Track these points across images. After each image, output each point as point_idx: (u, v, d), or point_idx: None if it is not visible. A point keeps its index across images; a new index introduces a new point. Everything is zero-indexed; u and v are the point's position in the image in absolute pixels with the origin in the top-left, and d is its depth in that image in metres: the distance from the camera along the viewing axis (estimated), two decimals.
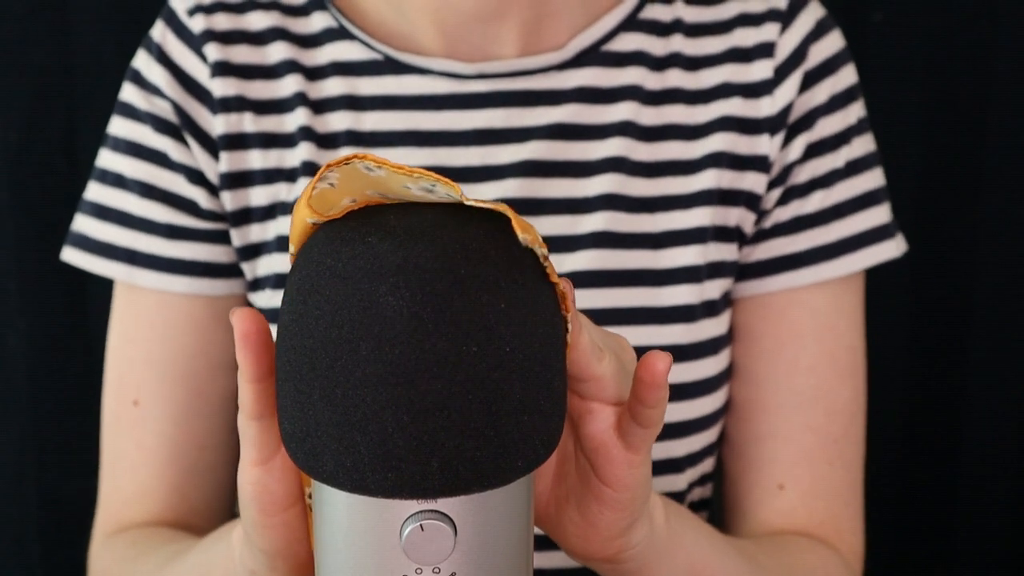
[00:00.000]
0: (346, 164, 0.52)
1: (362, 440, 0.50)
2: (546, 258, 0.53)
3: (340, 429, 0.50)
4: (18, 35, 1.15)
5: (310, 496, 0.59)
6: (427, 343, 0.49)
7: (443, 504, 0.52)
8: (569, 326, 0.55)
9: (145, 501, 0.87)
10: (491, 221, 0.52)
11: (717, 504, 0.94)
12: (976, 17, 1.16)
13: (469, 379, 0.49)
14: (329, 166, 0.52)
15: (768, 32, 0.87)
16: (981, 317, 1.20)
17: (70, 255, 0.89)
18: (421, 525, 0.52)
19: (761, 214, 0.87)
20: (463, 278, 0.50)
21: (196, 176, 0.86)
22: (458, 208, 0.53)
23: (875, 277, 0.96)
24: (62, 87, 1.15)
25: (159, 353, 0.87)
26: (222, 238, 0.87)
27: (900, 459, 1.24)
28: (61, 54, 1.15)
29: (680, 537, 0.67)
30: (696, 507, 0.91)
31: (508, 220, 0.53)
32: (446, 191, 0.52)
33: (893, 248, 0.89)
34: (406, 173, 0.52)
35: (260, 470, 0.57)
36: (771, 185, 0.86)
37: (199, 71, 0.86)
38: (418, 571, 0.53)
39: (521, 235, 0.51)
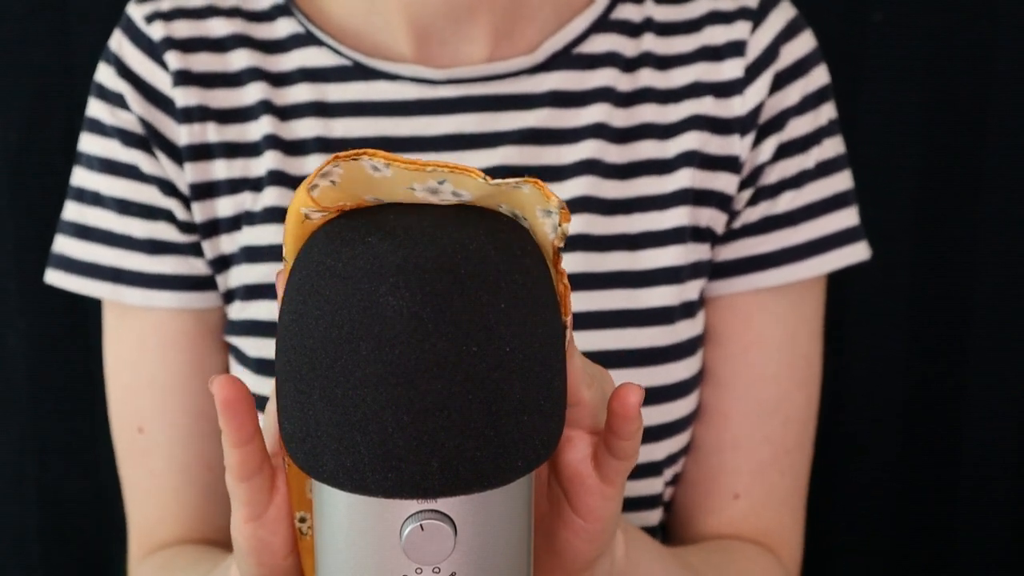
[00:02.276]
0: (354, 160, 0.52)
1: (362, 440, 0.50)
2: (564, 238, 0.53)
3: (340, 429, 0.50)
4: (18, 35, 1.14)
5: (301, 520, 0.59)
6: (427, 343, 0.49)
7: (443, 504, 0.52)
8: (568, 332, 0.55)
9: (168, 524, 0.87)
10: (492, 221, 0.52)
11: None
12: (976, 17, 1.15)
13: (469, 379, 0.49)
14: (337, 158, 0.52)
15: (739, 30, 0.86)
16: (981, 317, 1.20)
17: (54, 277, 0.88)
18: (421, 525, 0.52)
19: (732, 215, 0.86)
20: (463, 278, 0.50)
21: (168, 188, 0.85)
22: (459, 208, 0.53)
23: (875, 277, 0.96)
24: (62, 87, 1.15)
25: (155, 375, 0.86)
26: (200, 250, 0.86)
27: (900, 459, 1.24)
28: (61, 54, 1.15)
29: (637, 568, 0.67)
30: (667, 506, 0.91)
31: (509, 218, 0.53)
32: (453, 188, 0.52)
33: (862, 251, 0.88)
34: (418, 168, 0.51)
35: (254, 526, 0.57)
36: (742, 186, 0.86)
37: (161, 80, 0.85)
38: (418, 571, 0.53)
39: (555, 200, 0.51)
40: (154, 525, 0.87)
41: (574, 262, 0.83)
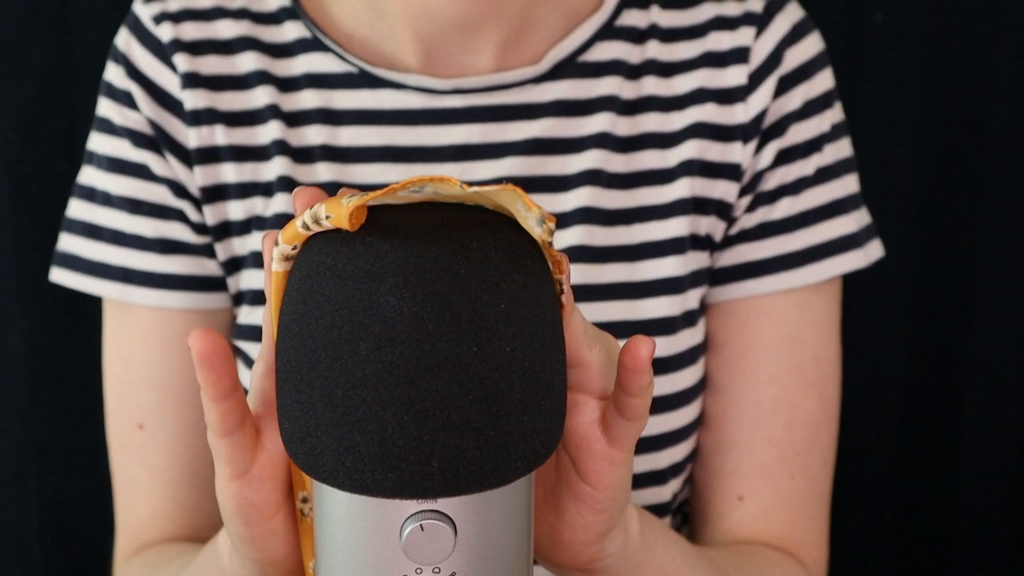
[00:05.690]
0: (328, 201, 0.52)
1: (362, 440, 0.50)
2: (551, 233, 0.53)
3: (340, 429, 0.50)
4: (18, 35, 1.14)
5: (303, 500, 0.59)
6: (427, 343, 0.49)
7: (443, 504, 0.52)
8: (564, 299, 0.55)
9: (161, 522, 0.87)
10: (492, 220, 0.52)
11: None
12: (976, 17, 1.16)
13: (469, 379, 0.49)
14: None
15: (743, 36, 0.85)
16: (981, 317, 1.20)
17: (59, 276, 0.88)
18: (421, 525, 0.52)
19: (731, 222, 0.86)
20: (463, 278, 0.50)
21: (179, 189, 0.85)
22: (459, 208, 0.53)
23: (875, 277, 0.96)
24: (62, 87, 1.15)
25: (159, 373, 0.86)
26: (212, 251, 0.86)
27: (900, 459, 1.24)
28: (61, 54, 1.15)
29: (653, 550, 0.66)
30: (677, 511, 0.91)
31: (508, 219, 0.53)
32: (433, 188, 0.52)
33: (860, 258, 0.87)
34: (386, 194, 0.51)
35: (238, 484, 0.57)
36: (742, 192, 0.85)
37: (170, 82, 0.85)
38: (418, 571, 0.53)
39: (536, 211, 0.51)
40: (145, 522, 0.87)
41: (575, 273, 0.82)
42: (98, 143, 0.87)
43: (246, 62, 0.85)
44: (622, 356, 0.56)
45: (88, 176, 0.87)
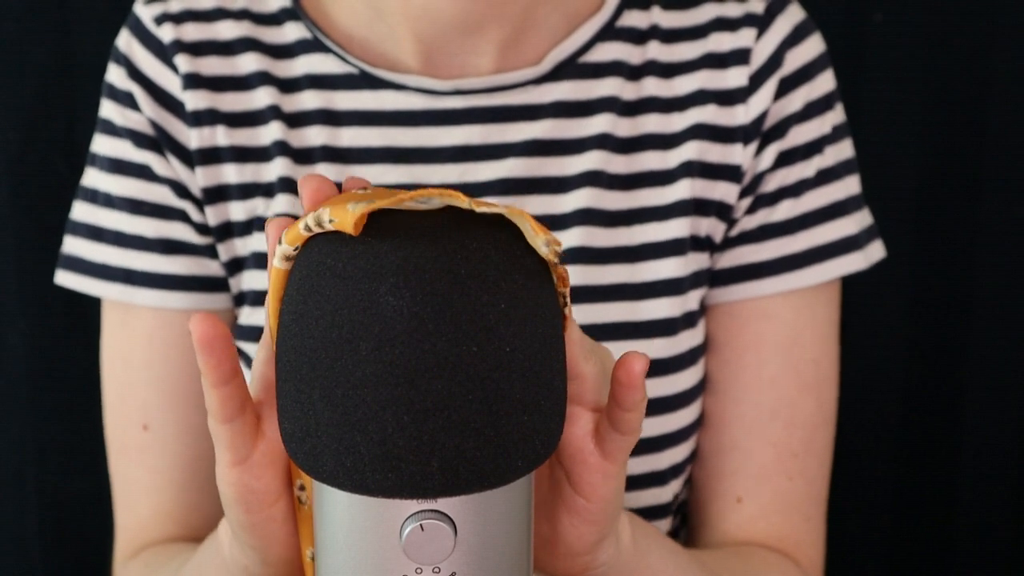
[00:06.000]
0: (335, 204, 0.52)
1: (362, 440, 0.50)
2: (557, 254, 0.53)
3: (340, 429, 0.50)
4: (18, 35, 1.14)
5: (300, 488, 0.59)
6: (427, 343, 0.49)
7: (443, 504, 0.52)
8: (566, 311, 0.55)
9: (162, 523, 0.87)
10: (492, 221, 0.52)
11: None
12: (976, 17, 1.16)
13: (469, 379, 0.50)
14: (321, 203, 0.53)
15: (744, 38, 0.85)
16: (981, 317, 1.20)
17: (64, 278, 0.88)
18: (421, 525, 0.52)
19: (731, 223, 0.86)
20: (463, 278, 0.50)
21: (181, 190, 0.85)
22: (459, 208, 0.53)
23: (875, 277, 0.96)
24: (62, 87, 1.15)
25: (160, 374, 0.86)
26: (214, 252, 0.86)
27: (900, 459, 1.24)
28: (61, 54, 1.15)
29: (646, 556, 0.66)
30: (677, 512, 0.91)
31: (511, 221, 0.53)
32: (441, 201, 0.52)
33: (860, 260, 0.87)
34: (392, 204, 0.51)
35: (239, 470, 0.57)
36: (742, 194, 0.85)
37: (171, 83, 0.85)
38: (418, 571, 0.53)
39: (543, 236, 0.51)
40: (145, 522, 0.87)
41: (574, 275, 0.82)
42: (100, 144, 0.87)
43: (247, 63, 0.85)
44: (616, 371, 0.56)
45: (91, 178, 0.88)
